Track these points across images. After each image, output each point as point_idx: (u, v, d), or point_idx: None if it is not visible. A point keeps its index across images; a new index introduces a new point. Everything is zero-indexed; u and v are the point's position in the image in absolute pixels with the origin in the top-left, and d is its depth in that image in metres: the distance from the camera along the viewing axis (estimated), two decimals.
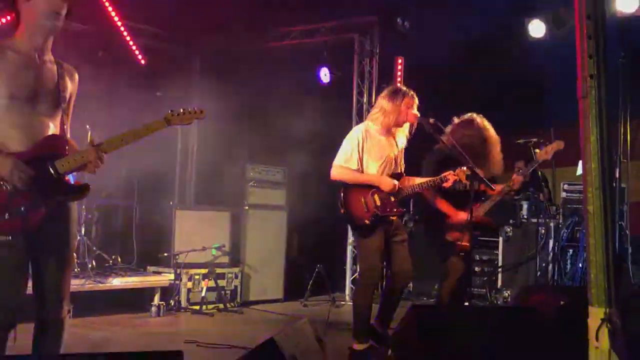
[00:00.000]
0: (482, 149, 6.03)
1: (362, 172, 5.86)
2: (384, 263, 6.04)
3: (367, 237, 5.84)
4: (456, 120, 6.27)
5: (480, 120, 6.13)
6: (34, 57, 3.54)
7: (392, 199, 5.84)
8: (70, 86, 3.73)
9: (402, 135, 6.11)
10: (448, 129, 6.15)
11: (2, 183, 3.35)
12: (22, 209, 3.39)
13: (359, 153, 5.85)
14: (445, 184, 5.80)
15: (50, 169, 3.50)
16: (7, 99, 3.41)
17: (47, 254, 3.56)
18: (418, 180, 5.99)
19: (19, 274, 3.47)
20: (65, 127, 3.69)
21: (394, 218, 5.93)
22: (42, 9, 3.47)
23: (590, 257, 2.80)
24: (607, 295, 2.73)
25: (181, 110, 3.81)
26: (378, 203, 5.79)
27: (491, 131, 6.14)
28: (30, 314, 3.60)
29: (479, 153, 5.94)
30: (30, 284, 3.60)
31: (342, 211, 5.90)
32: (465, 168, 5.65)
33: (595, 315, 2.74)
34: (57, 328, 3.62)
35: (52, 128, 3.60)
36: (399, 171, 6.09)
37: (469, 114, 6.21)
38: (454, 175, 5.73)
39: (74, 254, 3.77)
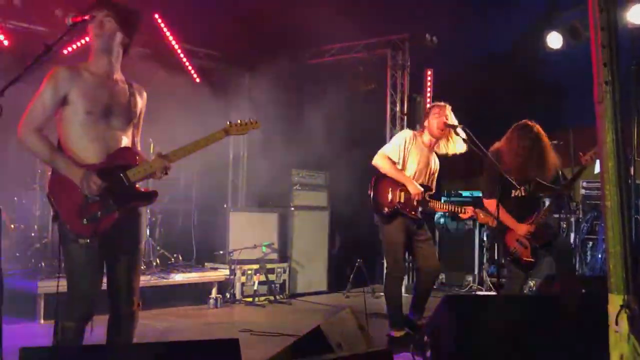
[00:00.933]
0: (538, 155, 5.66)
1: (401, 169, 5.87)
2: (409, 257, 6.03)
3: (387, 224, 5.90)
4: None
5: (535, 127, 5.75)
6: (106, 77, 3.61)
7: (415, 203, 5.86)
8: (140, 103, 3.79)
9: (437, 157, 6.19)
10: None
11: (80, 191, 3.41)
12: (98, 214, 3.45)
13: (403, 151, 5.90)
14: (462, 215, 5.91)
15: (123, 178, 3.55)
16: (85, 115, 3.47)
17: (120, 254, 3.61)
18: (439, 204, 6.10)
19: (96, 271, 3.54)
20: (135, 140, 3.76)
21: (414, 217, 5.92)
22: (116, 39, 3.60)
23: (609, 248, 2.76)
24: (625, 283, 2.70)
25: (238, 121, 3.86)
26: (402, 200, 5.86)
27: (545, 137, 5.76)
28: (105, 307, 3.65)
29: (535, 159, 5.64)
30: (105, 280, 3.66)
31: (370, 193, 5.93)
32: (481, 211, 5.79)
33: (615, 302, 2.71)
34: (129, 320, 3.66)
35: (125, 141, 3.65)
36: (430, 185, 6.10)
37: (524, 121, 5.83)
38: (473, 212, 5.83)
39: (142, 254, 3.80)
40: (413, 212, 5.90)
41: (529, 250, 5.62)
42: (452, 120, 5.90)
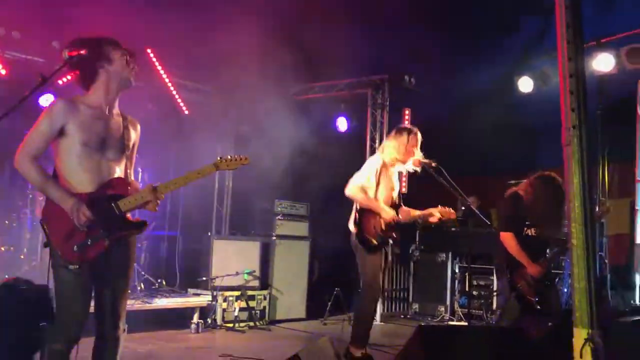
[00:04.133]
0: (558, 207, 5.46)
1: (375, 198, 5.92)
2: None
3: (373, 254, 5.93)
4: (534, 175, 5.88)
5: (557, 178, 5.62)
6: (104, 110, 3.61)
7: (392, 225, 5.96)
8: (134, 136, 3.78)
9: (398, 172, 6.27)
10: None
11: (71, 219, 3.39)
12: (89, 242, 3.43)
13: (376, 179, 5.95)
14: (431, 220, 6.08)
15: (114, 208, 3.54)
16: (81, 146, 3.47)
17: (108, 280, 3.58)
18: (413, 212, 6.16)
19: (85, 296, 3.51)
20: (128, 171, 3.73)
21: (395, 238, 6.05)
22: (124, 73, 3.61)
23: (575, 284, 2.78)
24: (590, 318, 2.71)
25: (229, 157, 3.82)
26: (384, 227, 5.93)
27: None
28: (90, 330, 3.60)
29: (555, 211, 5.53)
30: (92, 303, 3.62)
31: (353, 228, 5.95)
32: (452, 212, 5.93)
33: (579, 335, 2.72)
34: (113, 344, 3.61)
35: (118, 171, 3.64)
36: (398, 203, 6.19)
37: (548, 172, 5.74)
38: (438, 212, 5.98)
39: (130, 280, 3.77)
40: (394, 235, 6.01)
41: (533, 290, 5.58)
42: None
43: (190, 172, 3.70)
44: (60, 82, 7.91)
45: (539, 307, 5.50)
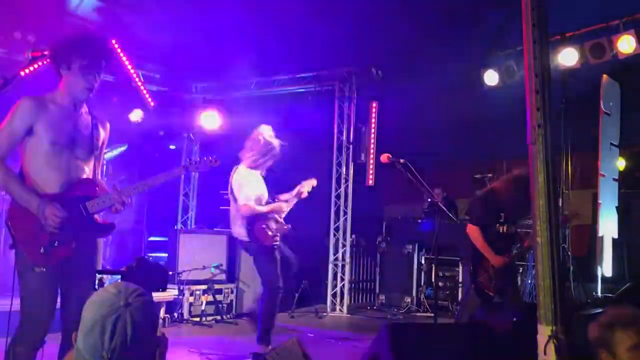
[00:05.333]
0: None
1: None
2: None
3: (272, 254, 6.04)
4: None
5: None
6: (72, 109, 3.55)
7: (280, 221, 6.17)
8: (103, 134, 3.74)
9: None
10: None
11: (38, 220, 3.34)
12: (56, 243, 3.39)
13: (255, 185, 6.14)
14: (303, 196, 6.37)
15: (82, 209, 3.50)
16: (49, 145, 3.42)
17: (75, 280, 3.53)
18: (284, 196, 6.38)
19: (51, 298, 3.47)
20: (97, 171, 3.69)
21: (286, 230, 6.24)
22: (79, 83, 3.51)
23: (539, 281, 2.81)
24: (554, 315, 2.75)
25: (198, 159, 3.90)
26: (275, 226, 6.08)
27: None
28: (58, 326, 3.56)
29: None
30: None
31: (248, 240, 6.04)
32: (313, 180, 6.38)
33: (544, 332, 2.75)
34: None
35: (86, 171, 3.60)
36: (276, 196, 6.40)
37: (520, 173, 5.74)
38: (305, 185, 6.36)
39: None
40: (285, 227, 6.17)
41: (493, 284, 5.70)
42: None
43: (159, 175, 3.70)
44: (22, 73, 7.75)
45: (496, 300, 5.61)
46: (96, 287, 2.82)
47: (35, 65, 3.51)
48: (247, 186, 6.03)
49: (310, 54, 9.41)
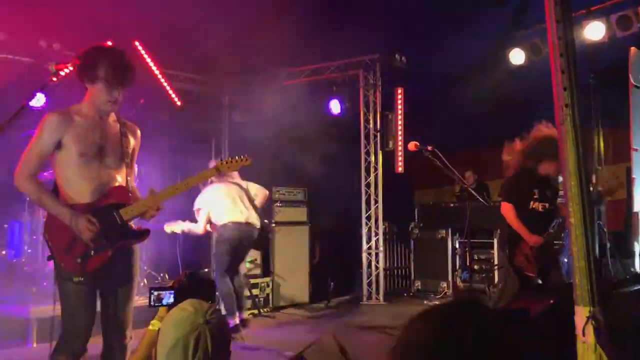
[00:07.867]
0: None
1: None
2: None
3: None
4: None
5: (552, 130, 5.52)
6: (98, 118, 3.57)
7: None
8: (133, 142, 3.74)
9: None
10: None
11: (72, 231, 3.38)
12: (91, 253, 3.42)
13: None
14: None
15: (116, 217, 3.52)
16: (78, 156, 3.45)
17: (113, 289, 3.58)
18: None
19: (90, 308, 3.51)
20: (129, 178, 3.69)
21: None
22: (103, 97, 3.51)
23: (574, 263, 2.78)
24: (591, 296, 2.72)
25: (229, 159, 3.89)
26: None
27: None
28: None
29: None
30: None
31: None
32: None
33: (581, 313, 2.72)
34: (120, 352, 3.61)
35: (119, 179, 3.62)
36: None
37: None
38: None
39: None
40: None
41: (533, 266, 5.51)
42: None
43: (190, 177, 3.71)
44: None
45: (540, 282, 5.48)
46: (152, 302, 2.83)
47: (60, 76, 3.52)
48: None
49: (334, 43, 9.36)
